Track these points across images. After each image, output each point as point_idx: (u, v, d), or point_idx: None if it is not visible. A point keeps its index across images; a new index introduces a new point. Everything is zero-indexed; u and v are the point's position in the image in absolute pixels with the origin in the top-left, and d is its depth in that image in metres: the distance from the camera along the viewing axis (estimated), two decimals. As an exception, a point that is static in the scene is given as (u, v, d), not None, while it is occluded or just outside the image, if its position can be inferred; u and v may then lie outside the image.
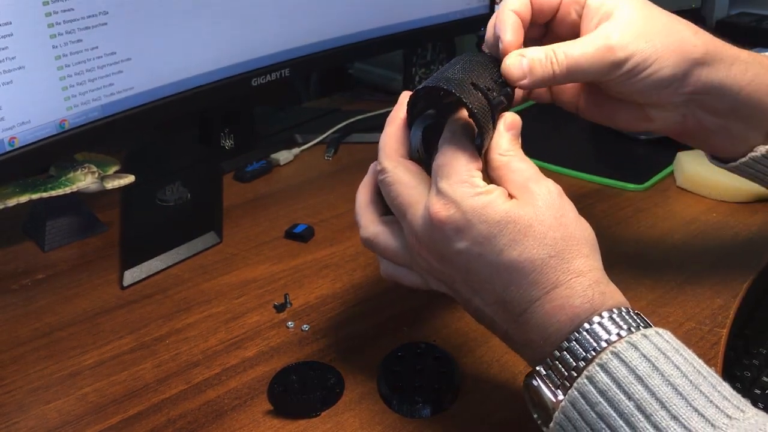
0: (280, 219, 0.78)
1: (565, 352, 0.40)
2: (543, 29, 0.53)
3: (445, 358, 0.54)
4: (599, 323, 0.40)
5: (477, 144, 0.45)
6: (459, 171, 0.44)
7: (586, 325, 0.40)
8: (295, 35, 0.86)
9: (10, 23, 0.60)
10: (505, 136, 0.46)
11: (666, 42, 0.49)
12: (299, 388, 0.51)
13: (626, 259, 0.68)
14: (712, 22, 1.43)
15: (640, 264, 0.67)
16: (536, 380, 0.42)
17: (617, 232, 0.73)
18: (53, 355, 0.58)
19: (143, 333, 0.61)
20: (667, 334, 0.40)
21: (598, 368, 0.38)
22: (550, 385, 0.41)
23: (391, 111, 0.49)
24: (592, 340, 0.40)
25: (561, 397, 0.40)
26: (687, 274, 0.66)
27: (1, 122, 0.62)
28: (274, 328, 0.61)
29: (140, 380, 0.55)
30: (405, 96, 0.48)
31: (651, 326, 0.41)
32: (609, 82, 0.50)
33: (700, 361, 0.39)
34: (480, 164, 0.45)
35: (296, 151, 0.95)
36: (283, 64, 0.85)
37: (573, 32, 0.52)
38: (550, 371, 0.41)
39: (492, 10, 1.06)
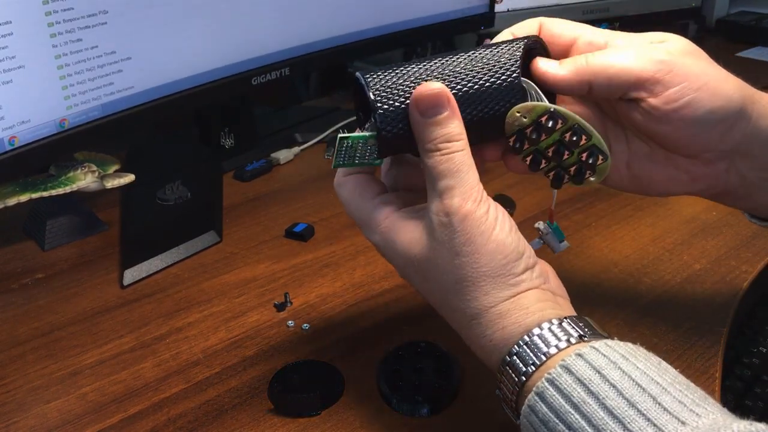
0: (280, 218, 0.78)
1: (507, 368, 0.41)
2: None
3: (445, 357, 0.54)
4: (527, 343, 0.41)
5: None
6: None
7: (521, 342, 0.41)
8: (295, 34, 0.86)
9: (10, 22, 0.60)
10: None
11: (717, 73, 0.46)
12: (299, 387, 0.51)
13: (626, 258, 0.68)
14: (711, 21, 1.43)
15: (639, 263, 0.67)
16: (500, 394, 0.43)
17: (617, 231, 0.73)
18: (53, 355, 0.58)
19: (143, 332, 0.61)
20: (604, 347, 0.39)
21: (537, 398, 0.39)
22: (506, 408, 0.43)
23: None
24: (531, 354, 0.40)
25: (516, 421, 0.41)
26: (687, 273, 0.66)
27: (1, 121, 0.62)
28: (274, 327, 0.61)
29: (140, 379, 0.55)
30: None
31: (588, 334, 0.41)
32: (652, 109, 0.45)
33: (644, 364, 0.38)
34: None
35: (296, 150, 0.95)
36: (283, 63, 0.85)
37: None
38: (502, 390, 0.42)
39: (492, 10, 1.06)
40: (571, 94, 0.49)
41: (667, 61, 0.45)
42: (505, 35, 0.49)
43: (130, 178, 0.75)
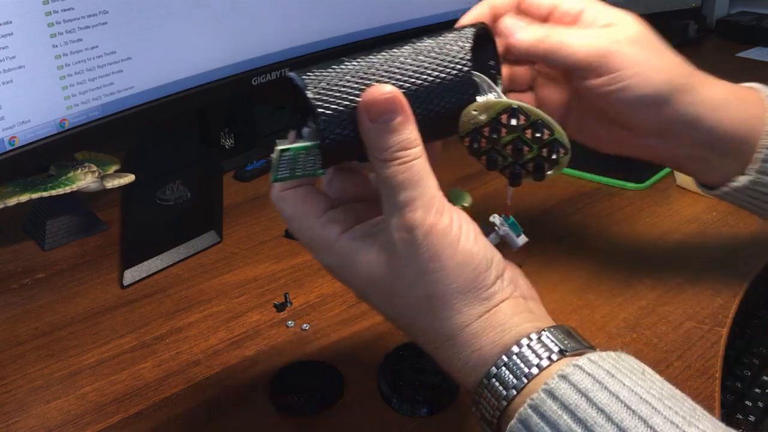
0: (280, 218, 0.78)
1: (485, 390, 0.39)
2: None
3: (445, 357, 0.54)
4: (506, 364, 0.38)
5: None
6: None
7: (500, 362, 0.39)
8: (295, 34, 0.86)
9: (11, 22, 0.60)
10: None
11: (656, 63, 0.51)
12: (299, 387, 0.51)
13: (626, 258, 0.68)
14: (712, 21, 1.43)
15: (639, 263, 0.67)
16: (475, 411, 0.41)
17: (617, 231, 0.73)
18: (53, 354, 0.58)
19: (143, 332, 0.61)
20: (587, 363, 0.37)
21: (521, 426, 0.36)
22: (486, 426, 0.40)
23: None
24: (511, 376, 0.38)
25: None
26: (687, 273, 0.66)
27: (1, 121, 0.62)
28: (274, 327, 0.61)
29: (141, 379, 0.55)
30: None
31: (569, 348, 0.38)
32: (593, 87, 0.50)
33: (631, 380, 0.36)
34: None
35: (296, 150, 0.95)
36: (283, 63, 0.85)
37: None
38: (480, 411, 0.40)
39: (492, 9, 1.06)
40: (521, 61, 0.52)
41: (609, 50, 0.49)
42: (483, 6, 0.52)
43: (130, 178, 0.75)
